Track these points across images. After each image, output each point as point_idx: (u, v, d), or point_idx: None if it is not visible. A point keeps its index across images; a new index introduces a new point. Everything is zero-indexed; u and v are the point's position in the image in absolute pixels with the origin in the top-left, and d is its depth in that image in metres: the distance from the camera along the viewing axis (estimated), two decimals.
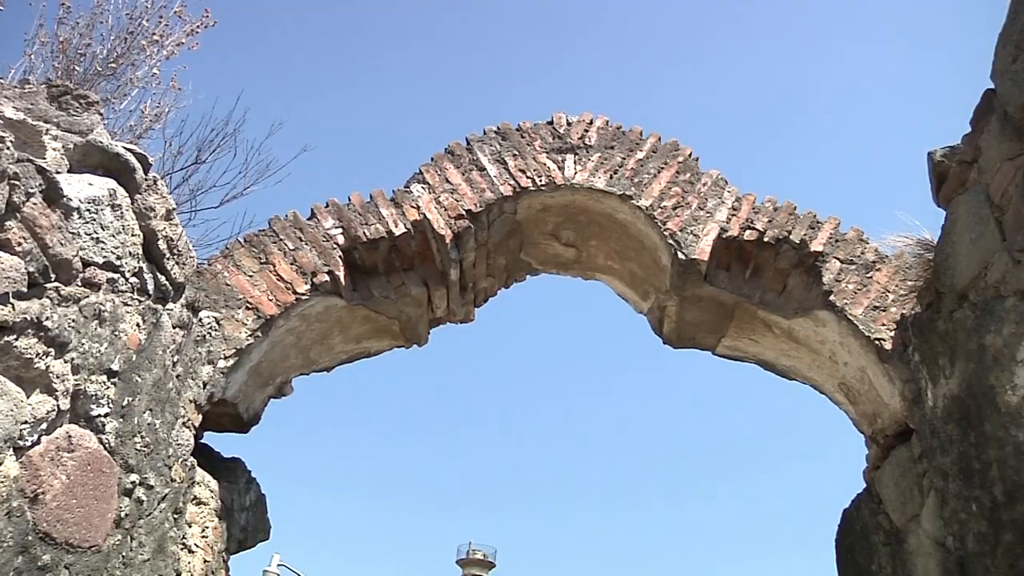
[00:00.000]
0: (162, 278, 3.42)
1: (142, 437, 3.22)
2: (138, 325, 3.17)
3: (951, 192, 3.46)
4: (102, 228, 2.89)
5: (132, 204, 3.13)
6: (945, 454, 3.49)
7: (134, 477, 3.16)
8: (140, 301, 3.20)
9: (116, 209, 2.98)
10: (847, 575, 4.49)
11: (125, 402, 3.07)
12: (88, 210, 2.81)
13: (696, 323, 4.80)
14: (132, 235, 3.11)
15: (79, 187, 2.82)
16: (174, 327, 3.54)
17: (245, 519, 4.46)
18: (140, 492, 3.23)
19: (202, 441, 4.42)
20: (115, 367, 2.97)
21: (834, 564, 4.65)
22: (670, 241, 4.42)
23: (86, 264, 2.79)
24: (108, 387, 2.95)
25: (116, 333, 2.98)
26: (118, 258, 2.99)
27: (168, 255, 3.44)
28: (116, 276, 2.99)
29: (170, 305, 3.52)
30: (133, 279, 3.13)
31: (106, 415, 2.94)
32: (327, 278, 4.30)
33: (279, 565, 26.92)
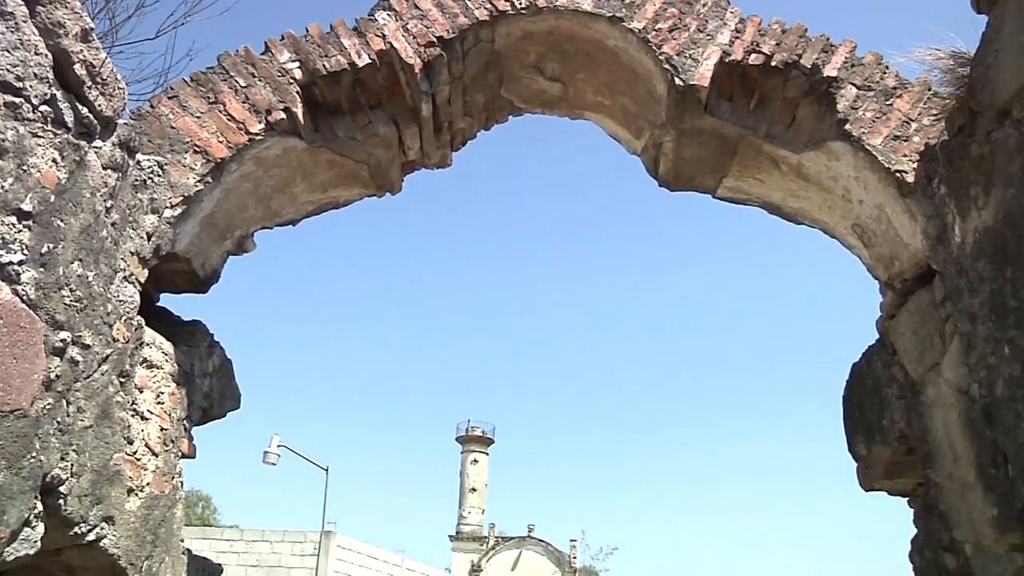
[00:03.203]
0: (84, 110, 2.94)
1: (71, 291, 2.83)
2: (55, 161, 2.73)
3: None
4: None
5: (32, 17, 2.64)
6: (974, 294, 3.13)
7: (64, 335, 2.79)
8: (56, 134, 2.75)
9: (8, 18, 2.49)
10: (856, 432, 4.21)
11: (45, 249, 2.66)
12: None
13: (695, 161, 4.34)
14: (36, 54, 2.62)
15: None
16: (104, 168, 3.10)
17: (208, 385, 4.14)
18: (74, 352, 2.86)
19: (160, 305, 4.08)
20: (27, 208, 2.56)
21: (841, 424, 4.36)
22: (666, 66, 3.93)
23: None
24: (20, 230, 2.54)
25: (24, 168, 2.55)
26: (18, 79, 2.53)
27: (90, 83, 2.96)
28: (18, 100, 2.53)
29: (97, 142, 3.07)
30: (44, 107, 2.67)
31: (20, 263, 2.54)
32: (283, 115, 3.83)
33: (279, 446, 27.09)
